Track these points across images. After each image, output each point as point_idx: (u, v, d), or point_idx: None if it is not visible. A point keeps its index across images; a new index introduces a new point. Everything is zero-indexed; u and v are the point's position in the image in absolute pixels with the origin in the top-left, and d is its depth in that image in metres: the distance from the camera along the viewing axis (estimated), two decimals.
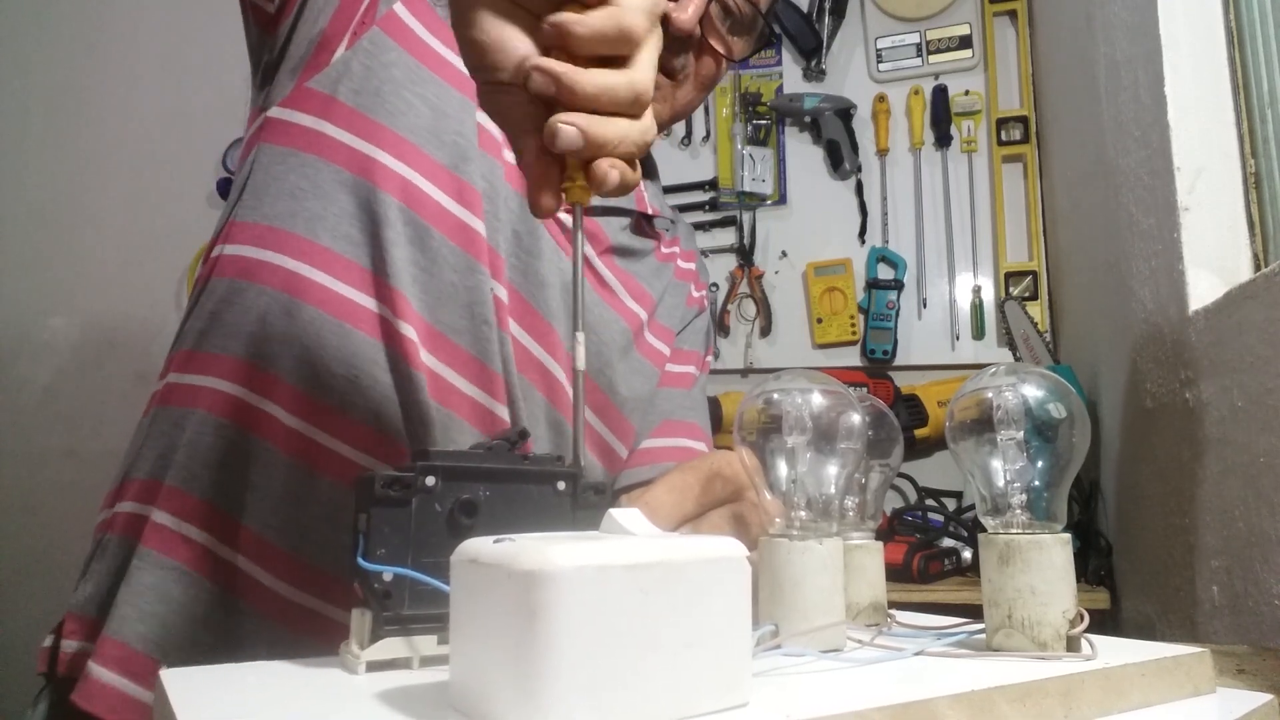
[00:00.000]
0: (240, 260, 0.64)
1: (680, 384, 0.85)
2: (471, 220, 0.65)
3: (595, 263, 0.76)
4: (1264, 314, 0.80)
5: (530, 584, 0.26)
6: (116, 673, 0.58)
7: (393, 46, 0.66)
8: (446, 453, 0.38)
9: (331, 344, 0.61)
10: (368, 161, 0.63)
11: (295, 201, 0.64)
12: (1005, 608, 0.40)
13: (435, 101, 0.66)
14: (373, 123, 0.64)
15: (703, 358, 0.90)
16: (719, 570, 0.30)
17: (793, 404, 0.41)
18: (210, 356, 0.64)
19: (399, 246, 0.63)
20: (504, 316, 0.66)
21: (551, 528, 0.37)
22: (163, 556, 0.60)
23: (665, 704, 0.28)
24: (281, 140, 0.66)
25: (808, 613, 0.39)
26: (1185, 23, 1.06)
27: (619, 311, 0.76)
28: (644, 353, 0.80)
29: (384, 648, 0.36)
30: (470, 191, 0.65)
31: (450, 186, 0.65)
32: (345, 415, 0.61)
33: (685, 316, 0.88)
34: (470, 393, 0.64)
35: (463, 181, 0.65)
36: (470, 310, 0.64)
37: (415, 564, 0.36)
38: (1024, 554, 0.39)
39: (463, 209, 0.65)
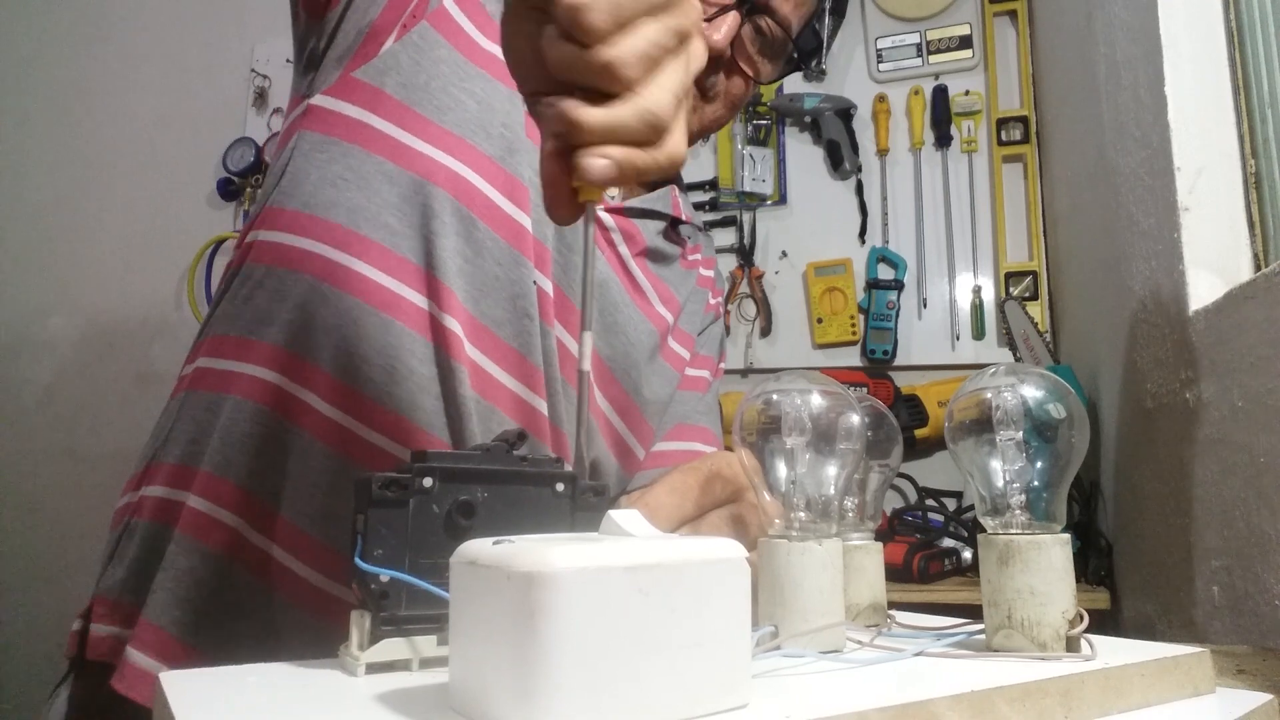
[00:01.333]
0: (278, 247, 0.64)
1: (696, 388, 0.85)
2: (517, 214, 0.65)
3: (630, 265, 0.76)
4: (1264, 314, 0.80)
5: (529, 586, 0.26)
6: (155, 658, 0.58)
7: (441, 42, 0.66)
8: (444, 454, 0.38)
9: (371, 334, 0.60)
10: (414, 155, 0.63)
11: (336, 191, 0.63)
12: (1005, 608, 0.40)
13: (482, 96, 0.66)
14: (420, 117, 0.64)
15: (716, 364, 0.91)
16: (718, 571, 0.30)
17: (792, 405, 0.41)
18: (246, 342, 0.63)
19: (446, 237, 0.62)
20: (548, 311, 0.66)
21: (550, 529, 0.37)
22: (198, 542, 0.60)
23: (665, 705, 0.28)
24: (323, 129, 0.66)
25: (807, 614, 0.39)
26: (1185, 23, 1.06)
27: (648, 315, 0.77)
28: (667, 357, 0.80)
29: (383, 649, 0.36)
30: (517, 184, 0.65)
31: (498, 179, 0.65)
32: (382, 406, 0.60)
33: (704, 323, 0.89)
34: (511, 385, 0.64)
35: (510, 174, 0.65)
36: (513, 303, 0.64)
37: (413, 565, 0.36)
38: (1024, 554, 0.39)
39: (509, 202, 0.65)
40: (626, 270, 0.75)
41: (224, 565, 0.60)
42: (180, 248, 2.20)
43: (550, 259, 0.67)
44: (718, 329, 0.93)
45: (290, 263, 0.63)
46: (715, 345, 0.92)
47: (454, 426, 0.61)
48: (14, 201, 2.30)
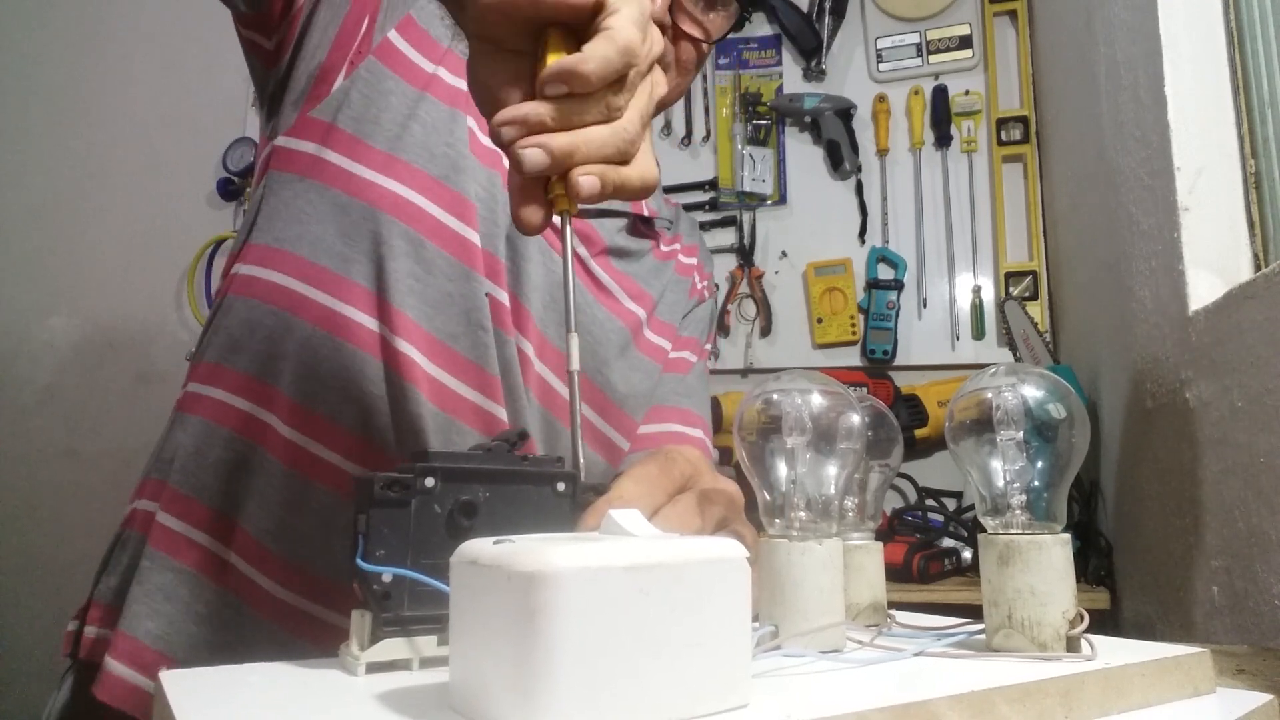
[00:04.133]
0: (250, 280, 0.68)
1: (676, 369, 0.86)
2: (464, 230, 0.67)
3: (590, 265, 0.77)
4: (1264, 314, 0.80)
5: (530, 585, 0.26)
6: (129, 667, 0.61)
7: (387, 74, 0.70)
8: (445, 454, 0.38)
9: (327, 359, 0.64)
10: (363, 184, 0.66)
11: (301, 225, 0.68)
12: (1005, 608, 0.40)
13: (426, 118, 0.69)
14: (369, 147, 0.67)
15: (700, 344, 0.92)
16: (718, 571, 0.30)
17: (792, 404, 0.41)
18: (221, 369, 0.68)
19: (396, 260, 0.65)
20: (505, 320, 0.68)
21: (551, 529, 0.37)
22: (169, 558, 0.64)
23: (665, 705, 0.28)
24: (288, 168, 0.70)
25: (808, 613, 0.39)
26: (1185, 23, 1.06)
27: (614, 312, 0.78)
28: (644, 350, 0.81)
29: (384, 649, 0.36)
30: (463, 201, 0.68)
31: (444, 198, 0.67)
32: (338, 426, 0.64)
33: (688, 308, 0.90)
34: (470, 396, 0.67)
35: (455, 192, 0.68)
36: (467, 317, 0.67)
37: (414, 565, 0.36)
38: (1024, 554, 0.39)
39: (456, 219, 0.67)
40: (587, 270, 0.77)
41: (195, 580, 0.63)
42: (180, 248, 2.20)
43: (503, 269, 0.69)
44: (704, 311, 0.93)
45: (259, 295, 0.67)
46: (701, 326, 0.92)
47: (406, 443, 0.64)
48: (14, 202, 2.30)
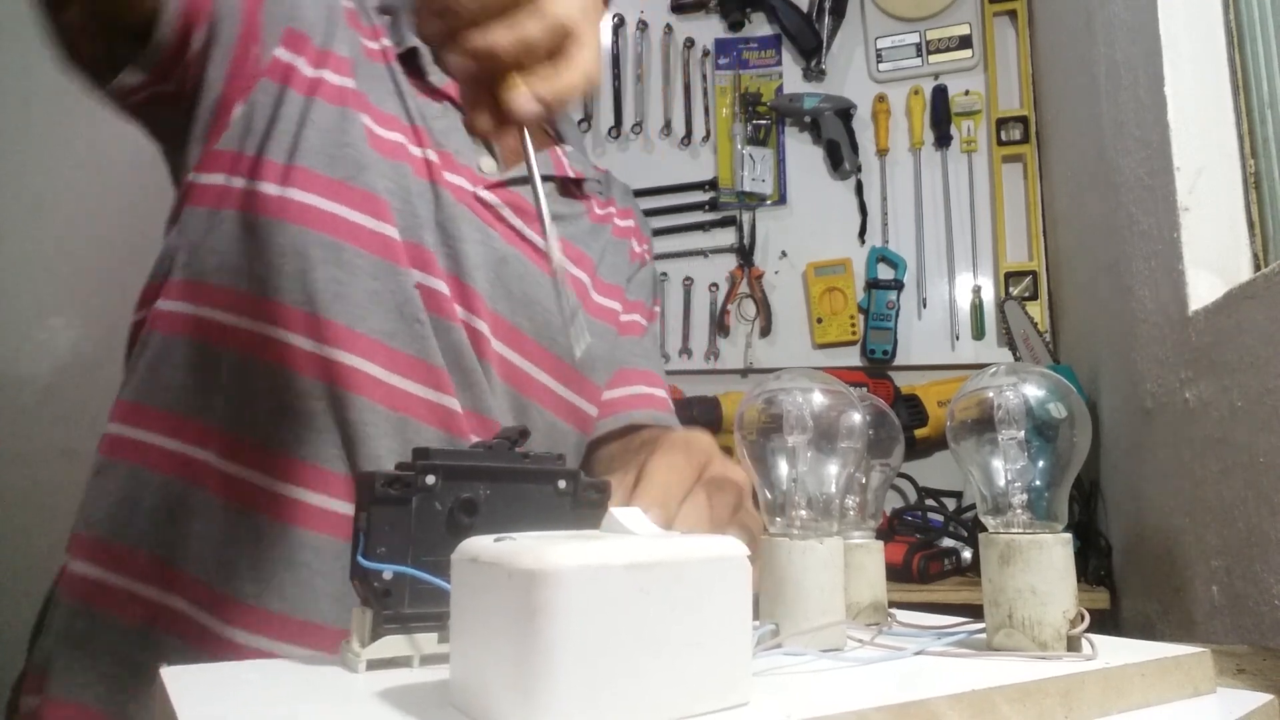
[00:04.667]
0: (173, 316, 0.67)
1: (631, 333, 0.88)
2: (379, 226, 0.67)
3: (528, 234, 0.77)
4: (1264, 314, 0.80)
5: (530, 583, 0.26)
6: None
7: (278, 89, 0.69)
8: (446, 451, 0.38)
9: (261, 385, 0.63)
10: (269, 200, 0.65)
11: (218, 256, 0.66)
12: (1006, 607, 0.40)
13: (321, 124, 0.68)
14: (270, 163, 0.67)
15: (649, 308, 0.93)
16: (719, 570, 0.30)
17: (793, 403, 0.41)
18: (146, 409, 0.67)
19: (315, 269, 0.64)
20: (445, 307, 0.68)
21: (552, 526, 0.37)
22: (111, 614, 0.62)
23: (665, 703, 0.28)
24: (199, 202, 0.69)
25: (808, 612, 0.39)
26: (1185, 23, 1.06)
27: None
28: (594, 313, 0.82)
29: (384, 646, 0.36)
30: (373, 198, 0.67)
31: (354, 199, 0.67)
32: (278, 452, 0.63)
33: (630, 271, 0.90)
34: (419, 392, 0.66)
35: (362, 190, 0.67)
36: (400, 311, 0.66)
37: (415, 563, 0.36)
38: (1025, 554, 0.39)
39: (369, 217, 0.67)
40: (526, 240, 0.76)
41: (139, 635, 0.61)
42: None
43: (434, 258, 0.69)
44: (646, 274, 0.94)
45: (185, 330, 0.66)
46: (646, 290, 0.93)
47: (359, 454, 0.63)
48: (14, 201, 2.30)
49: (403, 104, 0.74)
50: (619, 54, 2.15)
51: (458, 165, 0.74)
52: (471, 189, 0.74)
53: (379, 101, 0.72)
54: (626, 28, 2.16)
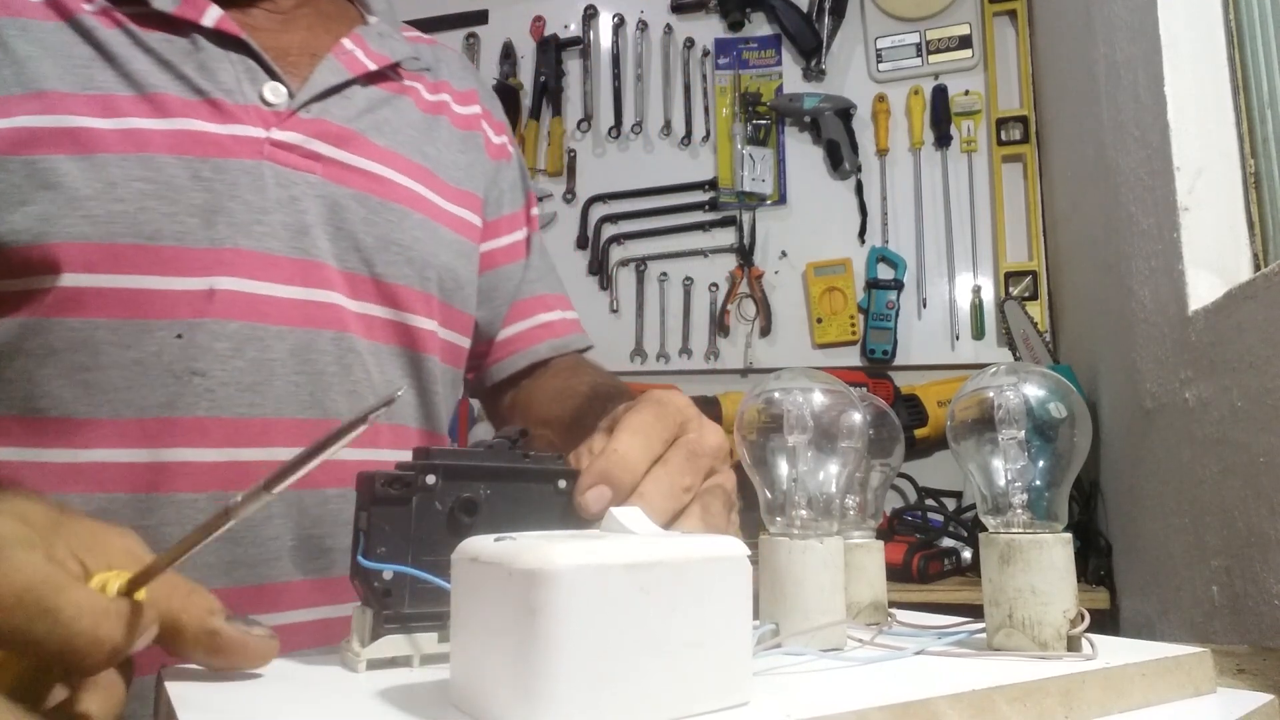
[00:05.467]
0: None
1: (512, 258, 0.78)
2: (130, 281, 0.54)
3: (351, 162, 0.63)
4: (1264, 314, 0.80)
5: (531, 583, 0.26)
6: None
7: None
8: (447, 451, 0.38)
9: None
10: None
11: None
12: (1006, 607, 0.40)
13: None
14: None
15: (526, 214, 0.81)
16: (720, 569, 0.30)
17: (793, 403, 0.41)
18: None
19: (46, 366, 0.52)
20: (210, 325, 0.55)
21: (552, 526, 0.37)
22: None
23: (665, 703, 0.28)
24: None
25: (808, 612, 0.39)
26: (1185, 23, 1.06)
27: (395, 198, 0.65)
28: (442, 219, 0.69)
29: (384, 645, 0.36)
30: (80, 249, 0.53)
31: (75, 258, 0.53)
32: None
33: (487, 174, 0.77)
34: (209, 458, 0.55)
35: (71, 245, 0.53)
36: (170, 370, 0.54)
37: (415, 562, 0.36)
38: (1025, 553, 0.39)
39: (116, 276, 0.53)
40: (353, 169, 0.63)
41: None
42: None
43: (232, 256, 0.56)
44: (513, 173, 0.81)
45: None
46: (517, 194, 0.81)
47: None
48: None
49: (117, 67, 0.56)
50: (619, 54, 2.15)
51: (235, 110, 0.58)
52: (264, 135, 0.59)
53: (74, 84, 0.55)
54: (626, 28, 2.16)
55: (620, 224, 2.09)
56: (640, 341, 2.04)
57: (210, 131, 0.57)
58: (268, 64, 0.61)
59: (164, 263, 0.54)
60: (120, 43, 0.57)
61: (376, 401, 0.27)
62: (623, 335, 2.04)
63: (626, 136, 2.12)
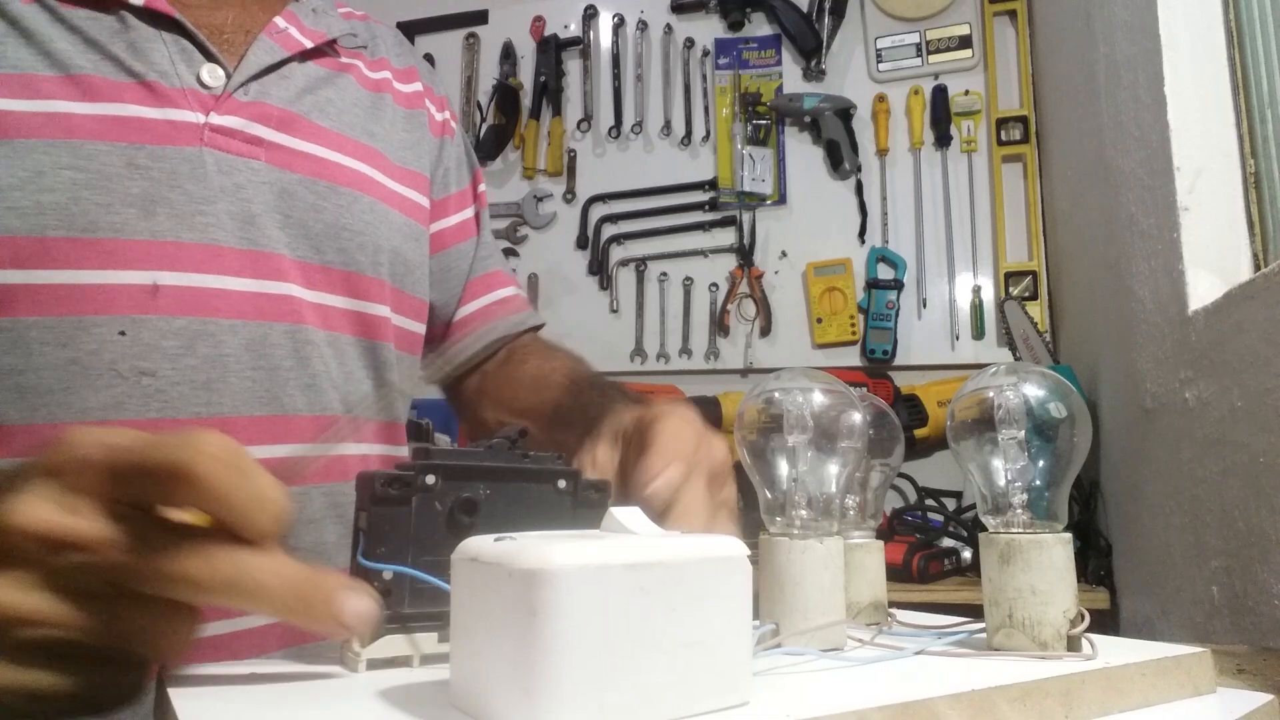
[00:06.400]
0: None
1: (462, 236, 0.77)
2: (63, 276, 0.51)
3: (295, 145, 0.61)
4: (1264, 314, 0.80)
5: (531, 583, 0.26)
6: None
7: None
8: (447, 451, 0.38)
9: None
10: None
11: None
12: (1006, 607, 0.40)
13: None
14: None
15: (474, 190, 0.79)
16: (720, 570, 0.30)
17: (793, 403, 0.41)
18: None
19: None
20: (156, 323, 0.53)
21: (552, 526, 0.37)
22: None
23: (665, 703, 0.28)
24: None
25: (808, 611, 0.39)
26: (1185, 23, 1.06)
27: (347, 182, 0.63)
28: (396, 205, 0.67)
29: (384, 645, 0.36)
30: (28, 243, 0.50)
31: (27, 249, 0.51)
32: None
33: (433, 150, 0.75)
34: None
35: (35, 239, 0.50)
36: (114, 370, 0.51)
37: (415, 563, 0.36)
38: (1025, 553, 0.39)
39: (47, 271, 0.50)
40: (298, 152, 0.61)
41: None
42: None
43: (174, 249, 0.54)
44: (457, 150, 0.78)
45: None
46: (463, 171, 0.79)
47: None
48: None
49: (35, 45, 0.52)
50: (619, 54, 2.15)
51: (171, 94, 0.55)
52: (202, 120, 0.56)
53: None
54: (626, 28, 2.16)
55: (620, 224, 2.09)
56: (640, 341, 2.04)
57: (145, 117, 0.54)
58: (203, 43, 0.58)
59: (101, 256, 0.51)
60: (38, 19, 0.53)
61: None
62: (623, 335, 2.04)
63: (626, 136, 2.12)
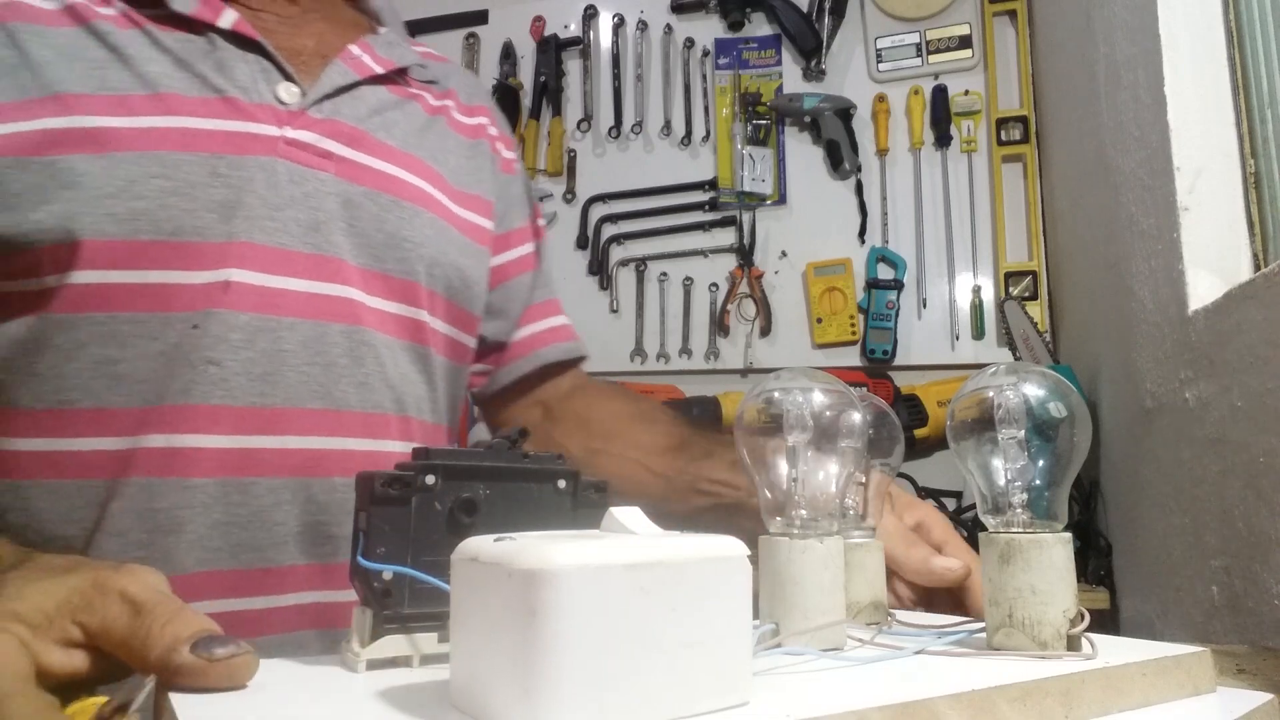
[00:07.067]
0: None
1: (524, 269, 0.83)
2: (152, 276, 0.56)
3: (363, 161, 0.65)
4: (1264, 314, 0.80)
5: (531, 583, 0.26)
6: None
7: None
8: (447, 451, 0.38)
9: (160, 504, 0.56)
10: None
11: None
12: (1006, 607, 0.40)
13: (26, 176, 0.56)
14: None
15: (533, 225, 0.85)
16: (720, 569, 0.30)
17: (793, 403, 0.41)
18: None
19: (77, 356, 0.55)
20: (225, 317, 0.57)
21: (552, 526, 0.37)
22: None
23: (665, 703, 0.28)
24: None
25: (808, 611, 0.39)
26: (1185, 23, 1.06)
27: (410, 198, 0.68)
28: (453, 222, 0.72)
29: (384, 646, 0.36)
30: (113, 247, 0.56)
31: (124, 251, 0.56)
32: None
33: (496, 184, 0.80)
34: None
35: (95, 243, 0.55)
36: (188, 360, 0.56)
37: (415, 563, 0.36)
38: (1025, 553, 0.39)
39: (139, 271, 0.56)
40: (365, 167, 0.65)
41: None
42: None
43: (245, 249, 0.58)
44: (517, 188, 0.84)
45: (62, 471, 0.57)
46: (524, 207, 0.84)
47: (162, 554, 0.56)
48: None
49: (132, 68, 0.58)
50: (619, 54, 2.15)
51: (251, 109, 0.61)
52: (278, 133, 0.61)
53: (90, 86, 0.57)
54: (626, 28, 2.16)
55: (620, 224, 2.09)
56: (640, 341, 2.04)
57: (225, 129, 0.59)
58: (281, 64, 0.64)
59: (183, 257, 0.57)
60: (138, 44, 0.59)
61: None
62: (623, 335, 2.04)
63: (626, 136, 2.12)
